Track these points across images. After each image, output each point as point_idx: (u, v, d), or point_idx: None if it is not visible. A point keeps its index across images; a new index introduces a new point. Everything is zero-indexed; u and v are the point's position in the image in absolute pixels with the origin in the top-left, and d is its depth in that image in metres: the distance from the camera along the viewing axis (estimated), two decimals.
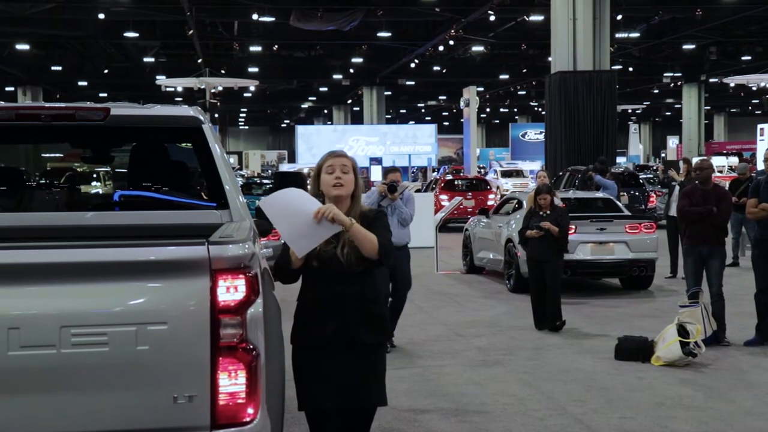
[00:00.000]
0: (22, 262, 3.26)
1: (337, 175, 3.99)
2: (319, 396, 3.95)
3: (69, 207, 5.12)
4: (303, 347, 3.99)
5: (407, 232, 9.36)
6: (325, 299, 3.95)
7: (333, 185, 3.99)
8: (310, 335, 3.97)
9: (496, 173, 42.35)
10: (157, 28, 36.95)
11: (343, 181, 3.99)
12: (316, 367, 3.95)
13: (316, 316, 3.96)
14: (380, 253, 3.90)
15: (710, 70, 48.92)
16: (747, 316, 9.72)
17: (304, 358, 3.98)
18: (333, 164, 4.02)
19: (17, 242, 3.80)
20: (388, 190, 9.22)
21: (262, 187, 28.05)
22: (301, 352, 4.00)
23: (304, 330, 3.98)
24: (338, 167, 4.01)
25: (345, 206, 4.00)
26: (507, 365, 8.58)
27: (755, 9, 32.56)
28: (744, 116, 77.16)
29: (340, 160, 4.04)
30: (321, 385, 3.94)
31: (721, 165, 44.27)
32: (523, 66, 46.74)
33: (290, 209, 3.77)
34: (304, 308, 4.02)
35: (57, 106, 4.67)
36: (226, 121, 77.53)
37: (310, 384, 3.97)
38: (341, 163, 4.02)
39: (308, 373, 3.97)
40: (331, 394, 3.94)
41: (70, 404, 3.23)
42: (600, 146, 23.16)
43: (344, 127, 57.57)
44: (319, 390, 3.94)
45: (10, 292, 3.23)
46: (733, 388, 7.57)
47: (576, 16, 23.20)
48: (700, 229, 9.40)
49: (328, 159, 4.06)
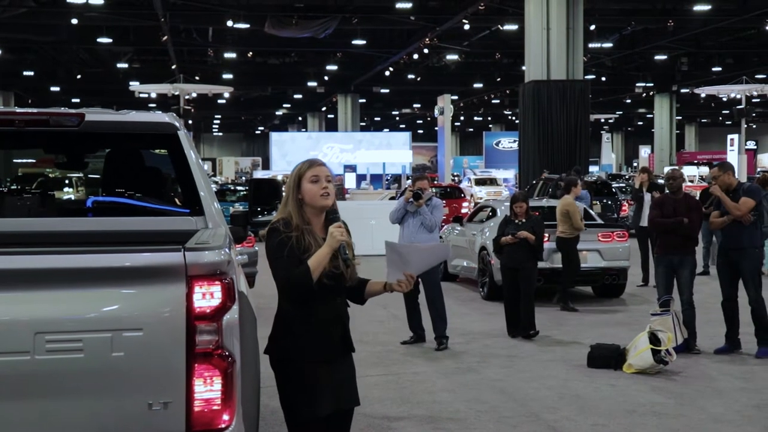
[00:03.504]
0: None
1: (324, 185, 3.94)
2: (320, 404, 3.92)
3: (41, 213, 5.08)
4: (306, 361, 3.90)
5: (432, 237, 9.75)
6: (330, 313, 3.95)
7: (321, 195, 3.93)
8: (320, 349, 3.92)
9: (470, 181, 42.50)
10: (131, 34, 36.79)
11: (329, 191, 3.96)
12: (314, 378, 3.91)
13: (324, 330, 3.94)
14: None
15: (682, 80, 49.45)
16: (717, 324, 9.82)
17: (303, 371, 3.90)
18: (318, 174, 3.95)
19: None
20: (413, 197, 9.58)
21: (236, 194, 27.94)
22: (300, 365, 3.91)
23: (311, 344, 3.90)
24: (323, 177, 3.95)
25: (322, 216, 3.99)
26: (480, 372, 8.61)
27: (726, 20, 32.99)
28: (715, 126, 78.02)
29: (323, 169, 3.99)
30: (325, 393, 3.93)
31: (692, 174, 44.74)
32: (497, 75, 46.99)
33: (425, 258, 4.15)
34: (305, 322, 3.91)
35: (31, 111, 4.64)
36: (201, 127, 77.31)
37: (307, 396, 3.92)
38: (326, 174, 3.97)
39: (305, 385, 3.91)
40: (333, 400, 3.95)
41: (44, 411, 3.21)
42: (573, 155, 23.33)
43: (318, 135, 57.58)
44: (323, 398, 3.92)
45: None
46: (703, 396, 7.64)
47: (550, 26, 23.38)
48: (671, 238, 9.50)
49: (312, 168, 3.97)
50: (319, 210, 3.96)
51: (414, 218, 9.74)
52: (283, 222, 3.89)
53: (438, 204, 9.95)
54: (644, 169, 15.45)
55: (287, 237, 3.83)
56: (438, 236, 10.02)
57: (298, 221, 3.90)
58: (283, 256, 3.80)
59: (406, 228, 9.84)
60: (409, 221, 9.79)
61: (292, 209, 3.92)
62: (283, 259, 3.80)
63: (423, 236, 9.66)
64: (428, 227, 9.68)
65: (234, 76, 45.19)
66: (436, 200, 9.99)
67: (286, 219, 3.90)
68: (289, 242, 3.82)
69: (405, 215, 9.84)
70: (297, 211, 3.92)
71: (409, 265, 3.98)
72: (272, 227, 3.90)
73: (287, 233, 3.84)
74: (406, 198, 9.83)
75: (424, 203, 9.70)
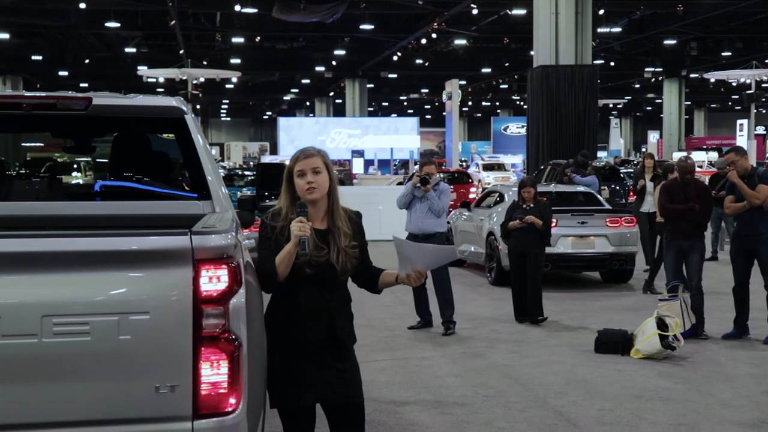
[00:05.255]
0: (4, 251, 3.24)
1: (309, 179, 3.89)
2: (300, 395, 3.89)
3: (49, 197, 5.08)
4: (287, 353, 3.89)
5: (439, 222, 9.78)
6: (313, 306, 3.89)
7: (306, 190, 3.89)
8: (299, 341, 3.89)
9: (478, 166, 42.46)
10: (139, 19, 36.75)
11: (316, 184, 3.88)
12: (298, 370, 3.88)
13: (305, 323, 3.89)
14: None
15: (691, 65, 49.25)
16: (725, 309, 9.80)
17: (286, 362, 3.89)
18: (303, 168, 3.90)
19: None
20: (421, 182, 9.58)
21: (243, 179, 27.97)
22: (282, 356, 3.90)
23: (291, 336, 3.89)
24: (309, 171, 3.90)
25: (323, 206, 3.95)
26: (488, 357, 8.62)
27: (736, 5, 32.77)
28: (724, 112, 77.69)
29: (309, 161, 3.91)
30: (304, 385, 3.89)
31: (701, 160, 44.57)
32: (505, 60, 46.84)
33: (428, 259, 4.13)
34: (288, 314, 3.91)
35: (38, 95, 4.63)
36: (208, 112, 77.30)
37: (289, 385, 3.90)
38: (312, 166, 3.89)
39: (288, 375, 3.89)
40: (314, 393, 3.91)
41: (51, 394, 3.22)
42: (581, 140, 23.23)
43: (326, 120, 57.52)
44: (301, 389, 3.89)
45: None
46: (710, 381, 7.64)
47: (558, 11, 23.25)
48: (681, 224, 9.48)
49: (297, 162, 3.93)
50: (310, 203, 3.94)
51: (422, 203, 9.73)
52: (272, 214, 3.97)
53: (445, 189, 9.94)
54: (649, 155, 15.40)
55: (272, 229, 3.91)
56: (445, 221, 10.00)
57: (287, 212, 3.93)
58: (262, 249, 3.92)
59: (413, 213, 9.83)
60: (416, 206, 9.78)
61: (283, 203, 3.97)
62: (262, 252, 3.93)
63: (430, 221, 9.66)
64: (436, 212, 9.67)
65: (242, 60, 45.15)
66: (444, 185, 9.98)
67: (276, 211, 3.98)
68: (273, 235, 3.90)
69: (412, 200, 9.83)
70: (289, 205, 3.95)
71: (417, 263, 3.99)
72: (262, 219, 4.00)
73: (273, 225, 3.92)
74: (413, 183, 9.82)
75: (431, 188, 9.69)
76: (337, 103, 64.54)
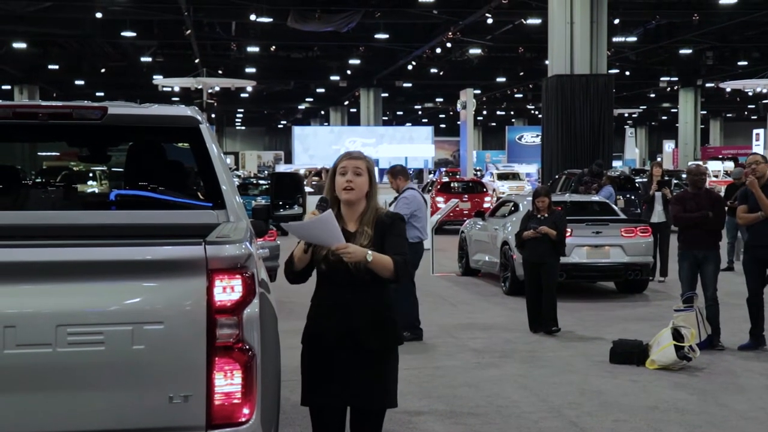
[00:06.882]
0: (19, 260, 3.25)
1: (348, 178, 3.94)
2: (322, 394, 3.97)
3: (65, 206, 5.11)
4: (310, 346, 4.02)
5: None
6: (332, 303, 3.96)
7: (343, 188, 3.95)
8: (316, 335, 4.00)
9: (493, 176, 42.40)
10: (155, 28, 36.93)
11: (353, 185, 3.93)
12: (322, 366, 3.97)
13: (323, 318, 3.99)
14: (394, 274, 3.90)
15: (707, 74, 49.03)
16: (741, 320, 9.73)
17: (312, 356, 4.01)
18: (346, 166, 3.97)
19: (14, 241, 3.79)
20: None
21: (258, 188, 28.00)
22: (308, 350, 4.03)
23: (312, 329, 4.02)
24: (351, 169, 3.95)
25: (359, 209, 4.00)
26: (502, 367, 8.58)
27: (752, 14, 32.64)
28: (740, 121, 77.33)
29: (353, 162, 3.97)
30: (325, 383, 3.96)
31: (716, 170, 44.37)
32: (520, 69, 46.79)
33: (314, 234, 3.81)
34: (314, 308, 4.06)
35: (54, 104, 4.66)
36: (223, 121, 77.51)
37: (315, 381, 3.99)
38: (354, 165, 3.96)
39: (314, 370, 3.99)
40: (335, 393, 3.96)
41: (65, 403, 3.22)
42: (596, 150, 23.19)
43: (341, 129, 57.61)
44: (323, 388, 3.97)
45: (6, 290, 3.23)
46: (726, 392, 7.58)
47: (573, 20, 23.23)
48: (695, 233, 9.42)
49: (342, 160, 4.01)
50: (345, 203, 3.96)
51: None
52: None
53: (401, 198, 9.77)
54: (658, 163, 15.32)
55: None
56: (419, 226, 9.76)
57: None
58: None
59: None
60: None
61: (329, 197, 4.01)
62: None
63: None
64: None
65: (257, 70, 45.27)
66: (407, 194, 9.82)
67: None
68: None
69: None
70: (332, 200, 4.00)
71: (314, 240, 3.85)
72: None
73: None
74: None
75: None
76: (351, 112, 64.61)
